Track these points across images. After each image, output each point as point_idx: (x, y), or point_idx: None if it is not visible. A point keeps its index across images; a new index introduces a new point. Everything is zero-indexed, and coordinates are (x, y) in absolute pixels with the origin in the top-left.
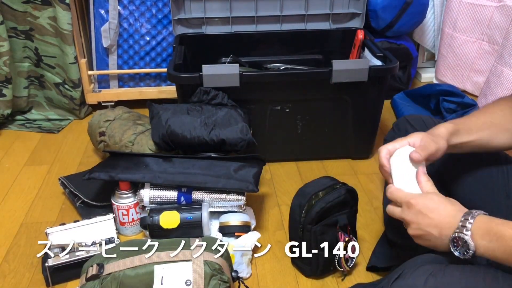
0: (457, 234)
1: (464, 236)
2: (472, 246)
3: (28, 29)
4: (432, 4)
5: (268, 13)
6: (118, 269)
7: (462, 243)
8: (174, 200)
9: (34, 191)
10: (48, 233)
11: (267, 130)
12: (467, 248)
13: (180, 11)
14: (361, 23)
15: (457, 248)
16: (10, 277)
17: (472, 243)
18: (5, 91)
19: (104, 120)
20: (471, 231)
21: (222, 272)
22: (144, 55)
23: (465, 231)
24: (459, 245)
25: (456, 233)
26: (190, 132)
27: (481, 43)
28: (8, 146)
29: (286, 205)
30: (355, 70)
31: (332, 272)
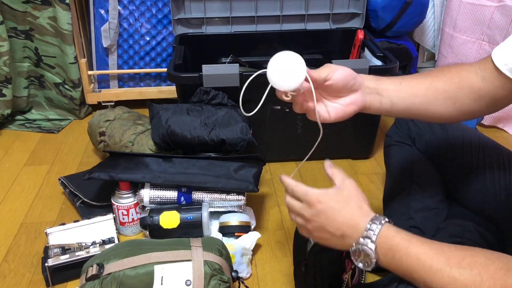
0: (360, 247)
1: (367, 250)
2: (374, 262)
3: (28, 29)
4: (432, 4)
5: (268, 13)
6: (118, 269)
7: (364, 255)
8: (174, 200)
9: (34, 191)
10: (48, 233)
11: (267, 130)
12: (369, 261)
13: (180, 11)
14: (361, 23)
15: (358, 258)
16: (10, 277)
17: (374, 259)
18: (5, 91)
19: (104, 120)
20: (375, 245)
21: (222, 272)
22: (144, 55)
23: (368, 245)
24: (360, 256)
25: (360, 245)
26: (190, 132)
27: (481, 43)
28: (8, 146)
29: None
30: (355, 70)
31: None
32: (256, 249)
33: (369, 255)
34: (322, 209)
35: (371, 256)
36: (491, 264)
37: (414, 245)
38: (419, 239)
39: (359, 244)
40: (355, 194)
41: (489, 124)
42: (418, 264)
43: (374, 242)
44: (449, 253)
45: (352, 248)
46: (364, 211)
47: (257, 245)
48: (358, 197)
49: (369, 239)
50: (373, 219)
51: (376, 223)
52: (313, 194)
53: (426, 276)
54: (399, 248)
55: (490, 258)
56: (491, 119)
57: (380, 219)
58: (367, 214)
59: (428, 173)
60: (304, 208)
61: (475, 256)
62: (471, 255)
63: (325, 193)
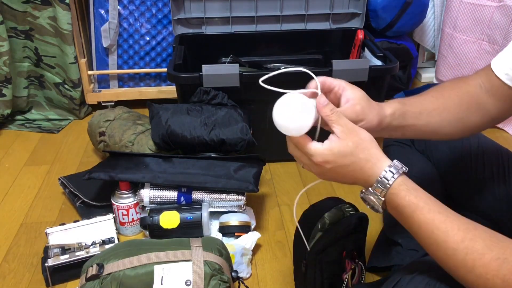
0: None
1: (374, 203)
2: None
3: (28, 29)
4: (432, 4)
5: (268, 13)
6: (118, 269)
7: (372, 204)
8: (174, 200)
9: (34, 191)
10: (48, 233)
11: (267, 130)
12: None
13: (180, 11)
14: (361, 23)
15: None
16: (10, 277)
17: (381, 210)
18: (5, 91)
19: (104, 120)
20: (382, 199)
21: (222, 272)
22: (144, 55)
23: (376, 200)
24: (369, 203)
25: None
26: (190, 132)
27: (481, 43)
28: (8, 146)
29: (286, 205)
30: (355, 70)
31: None
32: (256, 249)
33: (376, 205)
34: (331, 168)
35: (378, 207)
36: (487, 253)
37: (419, 213)
38: (425, 205)
39: (368, 193)
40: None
41: None
42: (419, 230)
43: (383, 197)
44: (450, 231)
45: (362, 195)
46: (374, 164)
47: (257, 245)
48: (365, 148)
49: (377, 193)
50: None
51: (386, 179)
52: (320, 156)
53: (424, 242)
54: (405, 211)
55: (489, 245)
56: None
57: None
58: (378, 167)
59: (427, 173)
60: (311, 165)
61: (474, 241)
62: (471, 239)
63: (331, 151)
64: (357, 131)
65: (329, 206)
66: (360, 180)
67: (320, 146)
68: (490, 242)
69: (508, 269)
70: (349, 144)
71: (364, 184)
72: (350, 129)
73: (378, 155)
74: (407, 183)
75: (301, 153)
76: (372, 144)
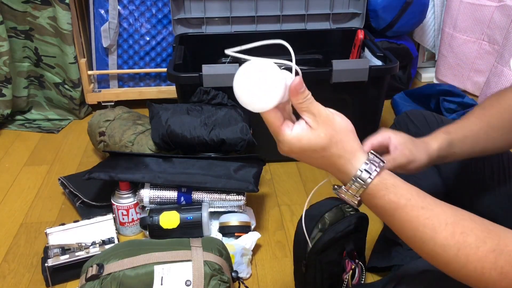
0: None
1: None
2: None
3: (28, 29)
4: (432, 4)
5: (268, 13)
6: (118, 269)
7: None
8: (174, 200)
9: (34, 191)
10: (48, 233)
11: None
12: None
13: (180, 11)
14: (361, 23)
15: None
16: (10, 277)
17: (357, 207)
18: (5, 91)
19: (104, 120)
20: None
21: (222, 272)
22: (144, 55)
23: (351, 198)
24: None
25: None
26: (190, 132)
27: (481, 43)
28: (8, 146)
29: (286, 205)
30: (355, 70)
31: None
32: (256, 249)
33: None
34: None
35: (352, 205)
36: (481, 246)
37: (401, 211)
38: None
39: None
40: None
41: None
42: (402, 230)
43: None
44: (438, 227)
45: (334, 191)
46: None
47: (257, 245)
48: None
49: (352, 193)
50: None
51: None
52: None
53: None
54: (384, 209)
55: (482, 237)
56: None
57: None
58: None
59: (427, 173)
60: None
61: (466, 235)
62: (461, 232)
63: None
64: (332, 120)
65: (329, 206)
66: (331, 172)
67: (289, 133)
68: (482, 233)
69: (505, 261)
70: (321, 136)
71: (337, 177)
72: (324, 118)
73: (353, 149)
74: (385, 181)
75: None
76: (348, 135)
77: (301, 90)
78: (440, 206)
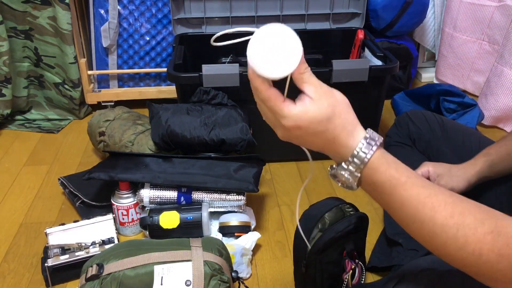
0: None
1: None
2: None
3: (27, 29)
4: (432, 4)
5: (268, 13)
6: (118, 269)
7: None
8: (174, 200)
9: (34, 191)
10: (47, 233)
11: (267, 130)
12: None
13: (180, 11)
14: (361, 23)
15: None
16: (9, 277)
17: (355, 187)
18: (5, 91)
19: (104, 120)
20: (359, 175)
21: (222, 272)
22: (143, 55)
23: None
24: (341, 180)
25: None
26: (190, 132)
27: (481, 43)
28: (8, 146)
29: (286, 205)
30: (355, 70)
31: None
32: (256, 249)
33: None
34: (301, 134)
35: (352, 184)
36: (480, 227)
37: (402, 188)
38: (408, 180)
39: (341, 169)
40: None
41: (489, 124)
42: (401, 208)
43: (359, 173)
44: (437, 206)
45: (332, 171)
46: (350, 132)
47: (257, 245)
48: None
49: (353, 168)
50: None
51: (364, 152)
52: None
53: (407, 220)
54: (384, 187)
55: (480, 219)
56: (491, 119)
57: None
58: (353, 136)
59: None
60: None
61: (464, 216)
62: (460, 213)
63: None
64: (332, 92)
65: (329, 206)
66: (331, 150)
67: (293, 107)
68: (480, 215)
69: (503, 242)
70: (325, 106)
71: (335, 155)
72: (325, 89)
73: (354, 121)
74: (386, 156)
75: (268, 109)
76: (349, 108)
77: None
78: (439, 188)
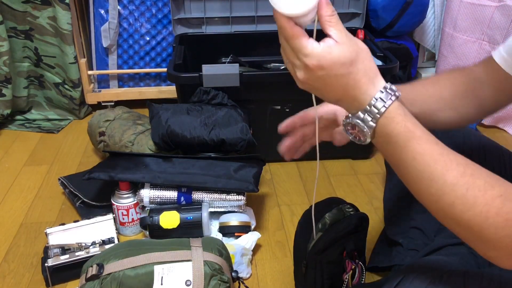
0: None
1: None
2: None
3: (27, 29)
4: (432, 4)
5: (268, 13)
6: (118, 269)
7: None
8: (174, 200)
9: (34, 191)
10: (48, 233)
11: (267, 130)
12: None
13: (180, 11)
14: (361, 23)
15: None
16: (9, 277)
17: (369, 139)
18: (5, 91)
19: (104, 120)
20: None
21: (222, 272)
22: (144, 55)
23: (367, 123)
24: (354, 129)
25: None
26: (190, 132)
27: (481, 43)
28: (8, 146)
29: (286, 205)
30: None
31: None
32: (256, 249)
33: (364, 133)
34: (322, 75)
35: (365, 135)
36: (489, 189)
37: (416, 142)
38: (423, 135)
39: (357, 118)
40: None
41: (490, 124)
42: (412, 163)
43: (375, 122)
44: (449, 164)
45: (347, 120)
46: (371, 79)
47: (257, 245)
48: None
49: (369, 117)
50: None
51: (383, 101)
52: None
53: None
54: (398, 139)
55: (490, 182)
56: (491, 119)
57: (388, 96)
58: (374, 84)
59: None
60: (300, 66)
61: (475, 177)
62: (471, 174)
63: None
64: (356, 40)
65: (329, 206)
66: (349, 97)
67: (317, 46)
68: (490, 179)
69: (510, 208)
70: (350, 49)
71: (352, 103)
72: (349, 36)
73: (375, 70)
74: (403, 108)
75: (291, 49)
76: (371, 57)
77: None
78: (451, 150)
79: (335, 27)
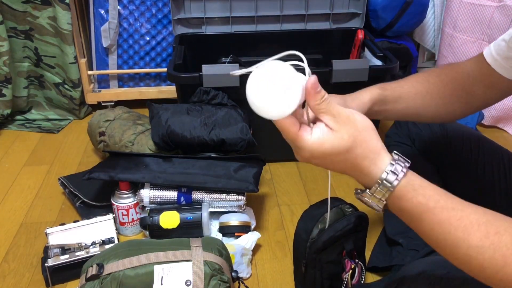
0: (367, 199)
1: (373, 206)
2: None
3: (27, 29)
4: (432, 4)
5: (268, 13)
6: (118, 269)
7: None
8: (174, 200)
9: (34, 191)
10: (48, 233)
11: (267, 130)
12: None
13: (180, 11)
14: (361, 23)
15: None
16: (10, 277)
17: (381, 211)
18: (5, 91)
19: (104, 120)
20: (384, 202)
21: (222, 272)
22: (144, 55)
23: (377, 203)
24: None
25: (367, 198)
26: (190, 132)
27: (481, 43)
28: (8, 146)
29: (286, 205)
30: (355, 70)
31: None
32: (256, 249)
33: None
34: (319, 163)
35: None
36: None
37: (431, 213)
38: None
39: (366, 195)
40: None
41: (489, 124)
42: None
43: (385, 200)
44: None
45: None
46: (372, 161)
47: (257, 245)
48: (363, 141)
49: (376, 198)
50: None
51: (389, 182)
52: (307, 150)
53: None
54: (412, 213)
55: None
56: (491, 119)
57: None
58: (376, 165)
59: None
60: (296, 153)
61: (500, 235)
62: (496, 233)
63: (321, 146)
64: (353, 120)
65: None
66: (354, 176)
67: (308, 138)
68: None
69: None
70: (344, 138)
71: (358, 179)
72: (345, 119)
73: (377, 148)
74: (413, 182)
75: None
76: (372, 134)
77: (317, 90)
78: (470, 207)
79: (328, 114)
